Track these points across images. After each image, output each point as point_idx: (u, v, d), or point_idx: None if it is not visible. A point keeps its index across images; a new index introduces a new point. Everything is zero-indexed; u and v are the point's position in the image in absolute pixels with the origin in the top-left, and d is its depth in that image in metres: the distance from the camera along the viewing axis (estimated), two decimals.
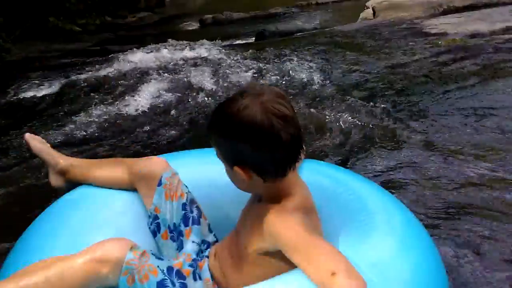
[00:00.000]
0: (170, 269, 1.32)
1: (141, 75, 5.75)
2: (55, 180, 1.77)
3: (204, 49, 7.35)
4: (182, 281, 1.32)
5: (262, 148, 1.13)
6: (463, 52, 4.85)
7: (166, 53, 7.09)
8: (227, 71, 5.13)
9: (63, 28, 10.96)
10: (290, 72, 4.75)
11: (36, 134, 1.89)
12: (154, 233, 1.54)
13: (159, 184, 1.52)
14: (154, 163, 1.57)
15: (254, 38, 10.35)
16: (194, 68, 5.72)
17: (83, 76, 5.71)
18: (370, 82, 4.31)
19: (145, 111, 4.06)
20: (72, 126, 3.79)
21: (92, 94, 4.70)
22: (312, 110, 3.75)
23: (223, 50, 6.63)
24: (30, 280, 1.19)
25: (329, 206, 1.43)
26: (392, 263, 1.19)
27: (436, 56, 4.86)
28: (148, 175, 1.54)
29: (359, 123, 3.25)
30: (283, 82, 4.53)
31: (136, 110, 4.13)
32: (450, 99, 3.55)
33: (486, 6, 9.53)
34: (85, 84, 5.28)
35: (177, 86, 4.77)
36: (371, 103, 3.63)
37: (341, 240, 1.26)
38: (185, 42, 10.09)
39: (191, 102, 4.13)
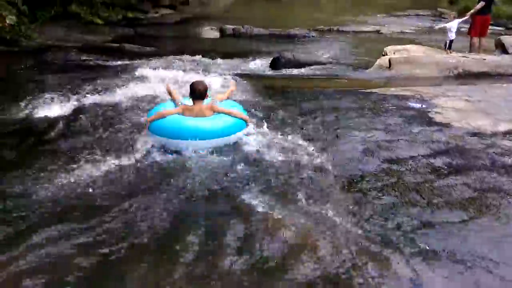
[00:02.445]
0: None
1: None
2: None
3: (217, 77, 7.48)
4: None
5: (192, 91, 4.99)
6: (460, 158, 5.00)
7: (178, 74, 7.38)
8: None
9: (85, 19, 11.05)
10: (291, 148, 4.98)
11: None
12: None
13: None
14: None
15: (269, 62, 10.48)
16: None
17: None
18: (365, 180, 4.44)
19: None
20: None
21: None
22: (292, 206, 3.93)
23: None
24: None
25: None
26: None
27: (434, 157, 5.01)
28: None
29: (336, 243, 3.42)
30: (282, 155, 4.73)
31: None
32: (430, 238, 3.55)
33: (499, 75, 9.68)
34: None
35: None
36: (357, 217, 3.79)
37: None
38: (199, 60, 10.18)
39: None
